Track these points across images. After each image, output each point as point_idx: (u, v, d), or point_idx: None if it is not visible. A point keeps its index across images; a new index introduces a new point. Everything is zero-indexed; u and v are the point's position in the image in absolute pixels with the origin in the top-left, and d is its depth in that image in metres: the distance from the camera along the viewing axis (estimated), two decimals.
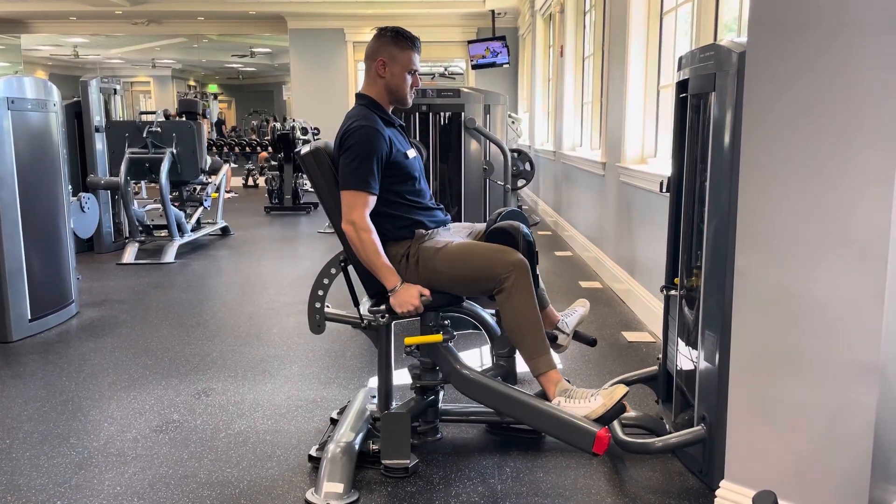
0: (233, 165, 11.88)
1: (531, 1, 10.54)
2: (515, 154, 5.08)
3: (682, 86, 2.54)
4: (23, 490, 2.34)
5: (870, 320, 1.72)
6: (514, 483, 2.37)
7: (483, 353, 3.61)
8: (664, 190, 2.74)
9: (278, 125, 10.32)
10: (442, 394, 2.68)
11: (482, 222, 2.77)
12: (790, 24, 1.79)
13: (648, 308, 4.10)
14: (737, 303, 1.98)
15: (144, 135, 6.55)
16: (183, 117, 8.02)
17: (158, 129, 6.58)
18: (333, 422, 2.73)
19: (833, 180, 1.74)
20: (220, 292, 5.20)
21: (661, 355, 2.80)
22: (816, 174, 1.77)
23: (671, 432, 2.43)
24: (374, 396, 2.71)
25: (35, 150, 4.10)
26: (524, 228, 2.49)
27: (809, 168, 1.78)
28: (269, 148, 11.08)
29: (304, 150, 2.48)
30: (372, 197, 2.38)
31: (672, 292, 2.60)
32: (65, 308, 4.34)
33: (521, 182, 5.37)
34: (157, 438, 2.72)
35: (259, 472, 2.45)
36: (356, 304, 2.53)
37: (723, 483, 2.06)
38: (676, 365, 2.59)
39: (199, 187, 7.23)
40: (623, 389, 2.22)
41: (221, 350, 3.77)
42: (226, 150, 14.88)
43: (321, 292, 2.56)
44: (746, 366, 1.97)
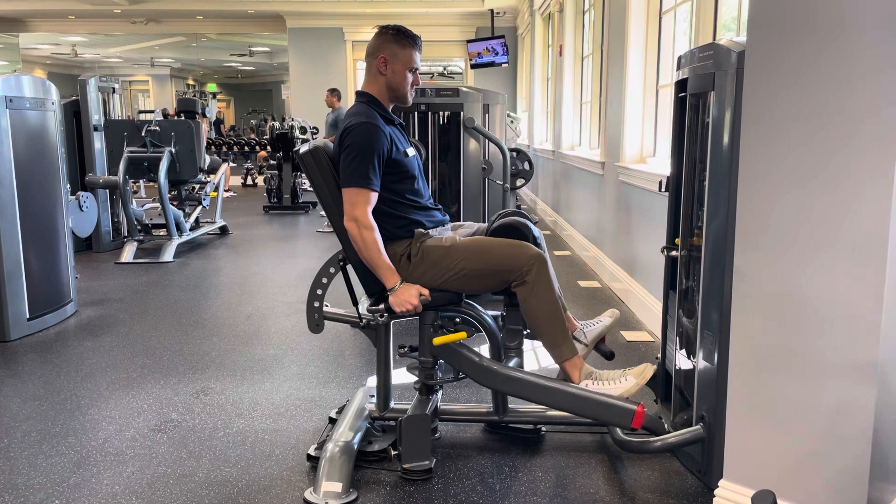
0: (231, 165, 11.87)
1: (530, 0, 10.54)
2: (514, 153, 5.08)
3: (681, 85, 2.54)
4: (21, 489, 2.34)
5: (868, 320, 1.72)
6: (513, 482, 2.37)
7: (483, 351, 3.60)
8: (663, 189, 2.74)
9: (277, 124, 10.31)
10: (440, 393, 2.68)
11: (481, 222, 2.77)
12: (789, 24, 1.79)
13: (647, 307, 4.10)
14: (735, 302, 1.98)
15: (143, 134, 6.55)
16: (182, 116, 8.01)
17: (157, 128, 6.57)
18: (332, 421, 2.72)
19: (832, 180, 1.74)
20: (218, 291, 5.20)
21: (659, 355, 2.80)
22: (815, 174, 1.77)
23: (670, 432, 2.43)
24: (373, 396, 2.71)
25: (33, 149, 4.10)
26: (532, 227, 2.51)
27: (808, 167, 1.78)
28: (268, 147, 11.07)
29: (303, 149, 2.47)
30: (374, 194, 2.38)
31: (673, 252, 2.61)
32: (63, 307, 4.34)
33: (519, 181, 5.37)
34: (155, 438, 2.71)
35: (257, 472, 2.44)
36: (355, 303, 2.53)
37: (721, 482, 2.06)
38: (675, 364, 2.59)
39: (197, 186, 7.23)
40: (652, 369, 2.36)
41: (220, 349, 3.77)
42: (224, 149, 14.87)
43: (320, 291, 2.55)
44: (745, 365, 1.97)
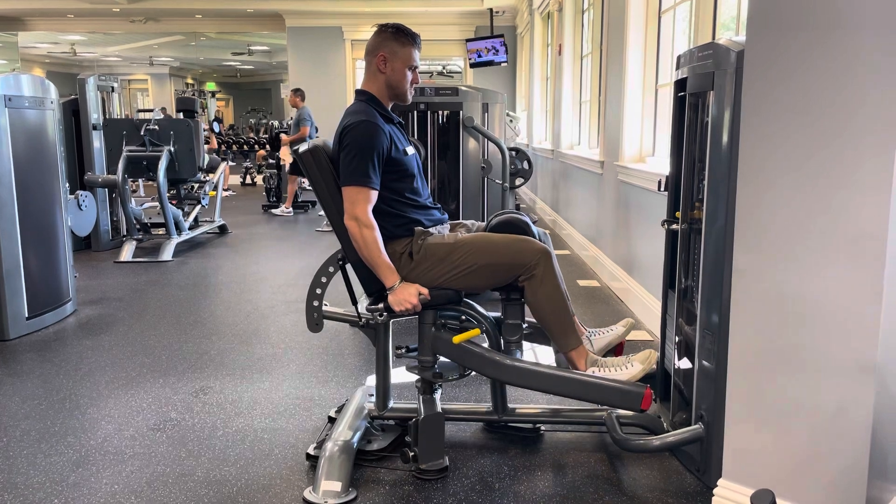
0: (230, 164, 11.87)
1: None
2: (513, 152, 5.08)
3: (680, 84, 2.54)
4: (20, 488, 2.34)
5: (867, 319, 1.72)
6: (512, 481, 2.37)
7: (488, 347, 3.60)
8: (662, 189, 2.74)
9: (276, 123, 10.31)
10: (440, 392, 2.68)
11: (480, 221, 2.77)
12: (788, 24, 1.79)
13: (646, 307, 4.10)
14: (735, 302, 1.99)
15: (142, 133, 6.54)
16: (181, 115, 8.01)
17: (156, 127, 6.57)
18: (331, 420, 2.72)
19: (831, 179, 1.74)
20: (217, 290, 5.19)
21: (658, 354, 2.80)
22: (815, 173, 1.77)
23: (669, 431, 2.43)
24: (372, 395, 2.71)
25: (32, 148, 4.09)
26: (533, 225, 2.52)
27: (808, 167, 1.78)
28: (267, 146, 11.07)
29: (303, 148, 2.47)
30: (374, 192, 2.38)
31: (674, 226, 2.62)
32: (62, 306, 4.34)
33: (519, 180, 5.38)
34: (154, 437, 2.71)
35: (257, 471, 2.44)
36: (354, 302, 2.53)
37: (720, 482, 2.06)
38: (674, 364, 2.60)
39: (196, 185, 7.22)
40: (655, 354, 2.42)
41: (219, 348, 3.77)
42: (223, 148, 14.86)
43: (319, 290, 2.55)
44: (744, 365, 1.98)
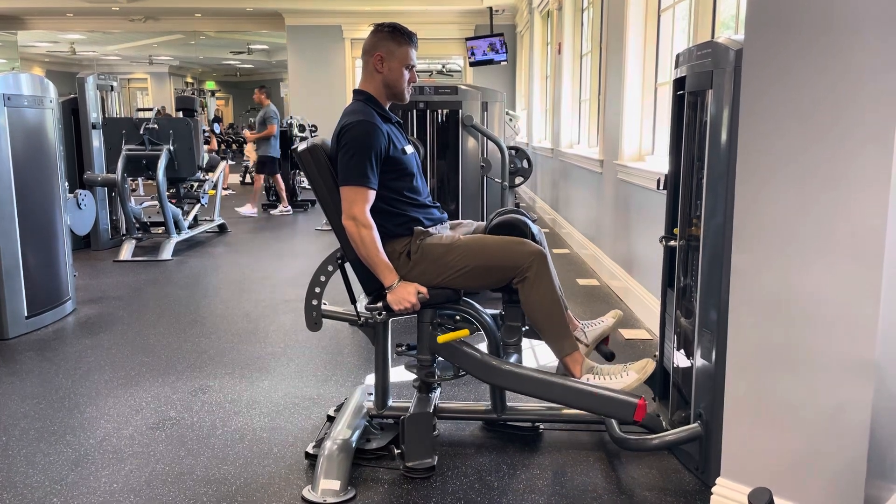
0: (230, 162, 11.85)
1: None
2: (513, 151, 5.07)
3: (679, 83, 2.54)
4: (19, 487, 2.34)
5: (865, 318, 1.72)
6: (511, 480, 2.37)
7: (481, 349, 3.60)
8: (661, 187, 2.74)
9: None
10: (439, 391, 2.68)
11: (480, 220, 2.77)
12: (787, 22, 1.79)
13: (645, 305, 4.10)
14: (733, 300, 1.99)
15: (141, 131, 6.54)
16: (180, 114, 8.01)
17: (155, 126, 6.57)
18: (330, 419, 2.73)
19: (830, 178, 1.74)
20: (217, 289, 5.20)
21: (657, 353, 2.80)
22: (813, 172, 1.77)
23: (668, 430, 2.43)
24: (371, 393, 2.72)
25: (31, 147, 4.09)
26: (531, 224, 2.50)
27: (806, 166, 1.78)
28: None
29: (302, 147, 2.47)
30: (371, 192, 2.38)
31: (672, 242, 2.61)
32: (61, 305, 4.34)
33: (518, 179, 5.38)
34: (153, 436, 2.71)
35: (256, 470, 2.44)
36: (353, 301, 2.53)
37: (719, 480, 2.07)
38: (673, 362, 2.60)
39: (196, 184, 7.22)
40: (653, 364, 2.36)
41: (218, 347, 3.77)
42: (223, 147, 14.86)
43: (318, 289, 2.55)
44: (742, 363, 1.98)
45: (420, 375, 2.51)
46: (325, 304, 2.59)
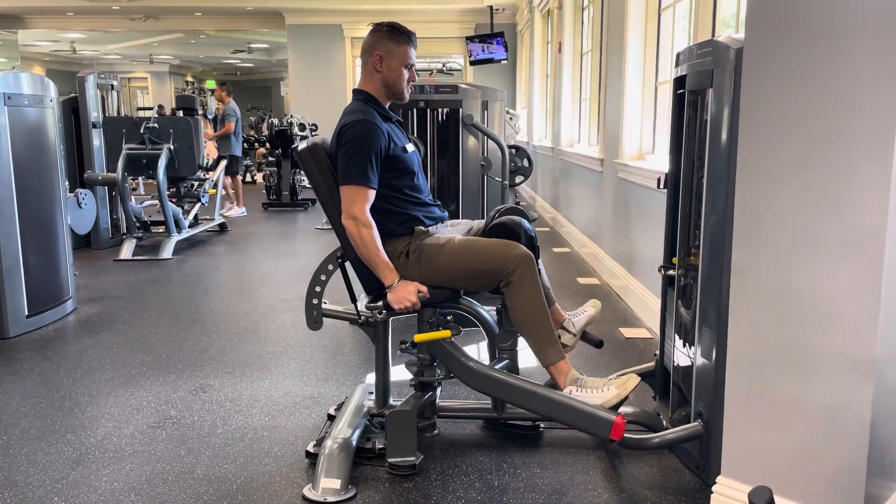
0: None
1: None
2: (513, 150, 5.07)
3: (679, 82, 2.54)
4: (20, 486, 2.34)
5: (866, 316, 1.72)
6: (512, 479, 2.37)
7: (480, 348, 3.62)
8: (661, 186, 2.74)
9: (276, 121, 10.30)
10: (439, 390, 2.68)
11: (480, 219, 2.77)
12: (788, 21, 1.79)
13: (646, 304, 4.10)
14: (733, 299, 1.98)
15: (142, 131, 6.54)
16: (181, 113, 8.00)
17: (155, 125, 6.57)
18: (331, 418, 2.73)
19: (830, 176, 1.74)
20: (217, 288, 5.20)
21: (658, 351, 2.80)
22: (813, 171, 1.77)
23: (668, 428, 2.43)
24: (372, 393, 2.72)
25: (32, 147, 4.09)
26: (525, 223, 2.49)
27: (806, 164, 1.78)
28: (267, 144, 11.06)
29: (302, 146, 2.47)
30: (371, 191, 2.38)
31: (670, 271, 2.61)
32: (62, 304, 4.34)
33: (518, 178, 5.38)
34: (154, 435, 2.72)
35: (256, 469, 2.45)
36: (353, 300, 2.53)
37: (719, 479, 2.07)
38: (673, 361, 2.60)
39: (196, 183, 7.22)
40: (636, 380, 2.28)
41: (219, 346, 3.77)
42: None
43: (318, 288, 2.55)
44: (743, 362, 1.98)
45: (411, 372, 2.52)
46: (326, 303, 2.59)
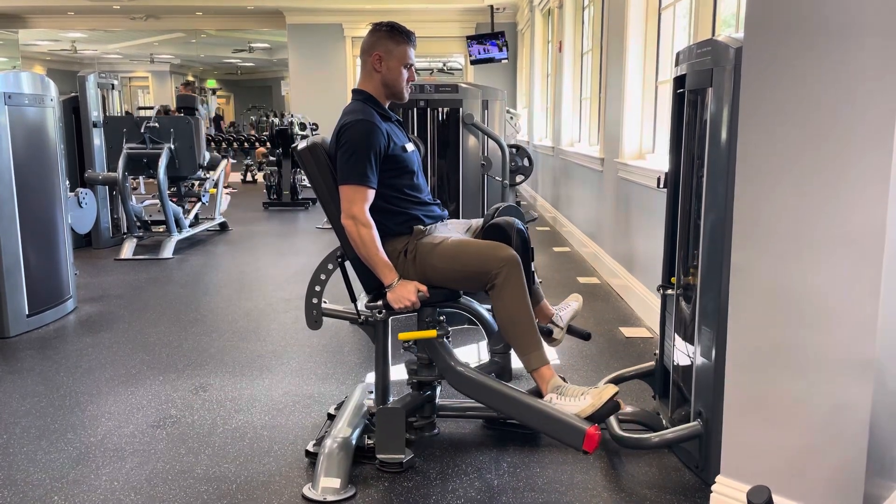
0: (231, 161, 11.85)
1: None
2: (514, 150, 5.07)
3: (679, 81, 2.54)
4: (20, 485, 2.34)
5: (865, 316, 1.72)
6: (511, 478, 2.37)
7: (480, 348, 3.62)
8: (661, 186, 2.74)
9: (277, 120, 10.30)
10: (439, 389, 2.68)
11: (480, 218, 2.76)
12: (787, 21, 1.79)
13: (646, 304, 4.10)
14: (733, 298, 1.99)
15: (142, 130, 6.54)
16: (181, 112, 8.01)
17: (156, 125, 6.57)
18: (331, 417, 2.73)
19: (829, 176, 1.74)
20: (217, 288, 5.20)
21: (657, 351, 2.80)
22: (813, 170, 1.77)
23: (667, 428, 2.43)
24: (372, 392, 2.72)
25: (32, 146, 4.10)
26: (518, 224, 2.48)
27: (806, 164, 1.78)
28: (268, 143, 11.06)
29: (302, 145, 2.48)
30: (371, 191, 2.38)
31: (669, 291, 2.60)
32: (62, 303, 4.34)
33: (519, 178, 5.37)
34: (154, 434, 2.72)
35: (256, 468, 2.45)
36: (353, 299, 2.53)
37: (718, 478, 2.07)
38: (673, 361, 2.60)
39: (197, 183, 7.23)
40: (612, 389, 2.20)
41: (219, 346, 3.77)
42: (224, 145, 14.86)
43: (318, 288, 2.56)
44: (742, 362, 1.98)
45: (410, 369, 2.54)
46: (326, 302, 2.59)
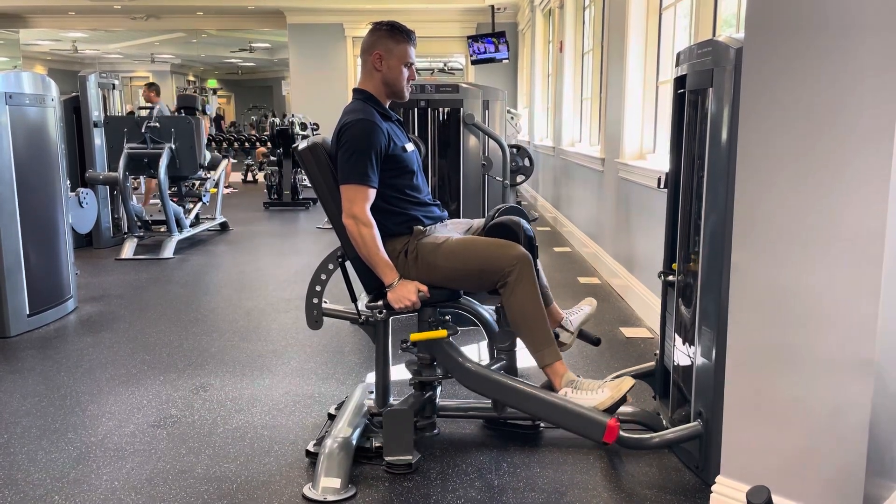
0: (232, 161, 11.85)
1: None
2: (514, 150, 5.07)
3: (680, 81, 2.54)
4: (20, 485, 2.34)
5: (865, 316, 1.72)
6: (511, 478, 2.37)
7: (481, 348, 3.62)
8: (662, 186, 2.74)
9: (277, 120, 10.31)
10: (440, 389, 2.68)
11: (480, 218, 2.77)
12: (788, 21, 1.79)
13: (646, 304, 4.10)
14: (733, 299, 1.99)
15: (143, 130, 6.55)
16: (182, 112, 8.00)
17: (157, 125, 6.57)
18: (331, 417, 2.73)
19: (829, 176, 1.74)
20: (218, 288, 5.20)
21: (658, 351, 2.80)
22: (813, 170, 1.77)
23: (668, 428, 2.43)
24: (372, 392, 2.72)
25: (33, 146, 4.10)
26: (524, 223, 2.48)
27: (806, 164, 1.78)
28: (268, 143, 11.06)
29: (302, 145, 2.48)
30: (371, 190, 2.38)
31: (670, 277, 2.61)
32: (63, 303, 4.34)
33: (519, 178, 5.38)
34: (154, 433, 2.72)
35: (256, 468, 2.45)
36: (354, 299, 2.53)
37: (718, 478, 2.07)
38: (673, 361, 2.60)
39: (197, 182, 7.23)
40: (630, 382, 2.27)
41: (220, 345, 3.78)
42: (225, 145, 14.87)
43: (319, 288, 2.56)
44: (742, 362, 1.98)
45: (412, 372, 2.53)
46: (326, 302, 2.59)
